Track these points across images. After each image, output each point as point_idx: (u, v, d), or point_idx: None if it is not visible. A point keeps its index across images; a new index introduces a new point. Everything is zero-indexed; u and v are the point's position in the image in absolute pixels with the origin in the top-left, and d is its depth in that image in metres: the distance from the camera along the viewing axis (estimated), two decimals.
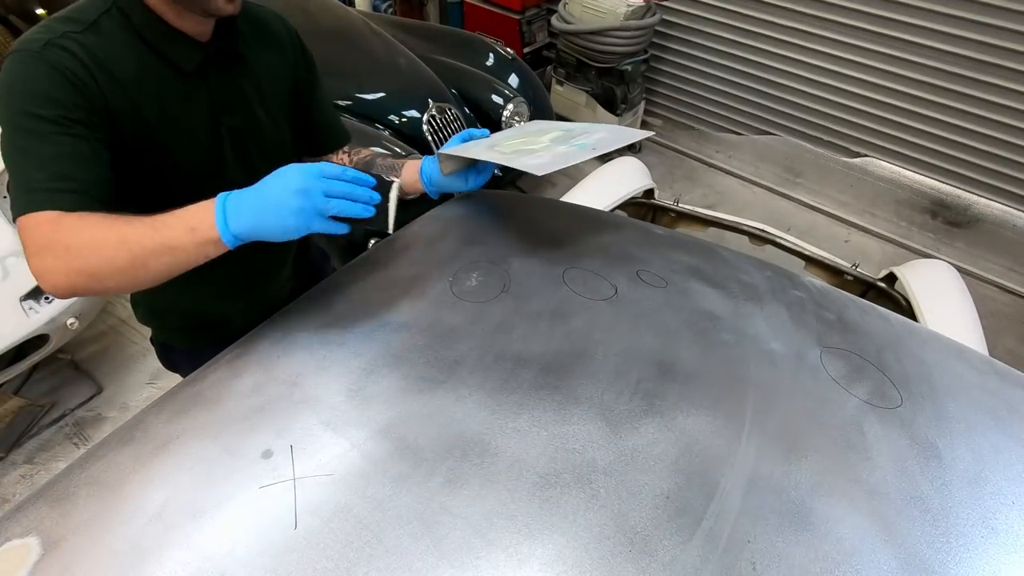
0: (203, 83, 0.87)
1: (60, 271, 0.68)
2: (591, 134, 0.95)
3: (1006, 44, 2.56)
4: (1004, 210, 2.87)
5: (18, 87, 0.72)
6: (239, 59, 0.91)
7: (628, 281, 0.90)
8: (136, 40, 0.81)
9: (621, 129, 1.00)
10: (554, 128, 1.02)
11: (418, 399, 0.68)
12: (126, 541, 0.55)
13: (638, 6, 3.14)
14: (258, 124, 0.95)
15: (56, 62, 0.73)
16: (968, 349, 0.92)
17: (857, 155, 3.20)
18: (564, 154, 0.87)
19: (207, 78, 0.88)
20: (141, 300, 1.10)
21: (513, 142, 0.95)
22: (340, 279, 0.91)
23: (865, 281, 1.68)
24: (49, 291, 0.70)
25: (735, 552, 0.56)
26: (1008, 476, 0.68)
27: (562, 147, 0.90)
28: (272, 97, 0.97)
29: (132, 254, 0.68)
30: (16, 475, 1.94)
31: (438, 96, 2.42)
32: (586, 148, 0.88)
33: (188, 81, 0.85)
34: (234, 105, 0.91)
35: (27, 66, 0.73)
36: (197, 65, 0.85)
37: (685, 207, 1.90)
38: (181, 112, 0.85)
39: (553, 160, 0.84)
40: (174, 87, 0.84)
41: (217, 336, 0.90)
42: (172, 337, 1.15)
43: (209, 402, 0.69)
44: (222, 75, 0.89)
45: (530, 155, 0.87)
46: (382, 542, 0.54)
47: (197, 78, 0.86)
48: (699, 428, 0.67)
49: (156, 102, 0.82)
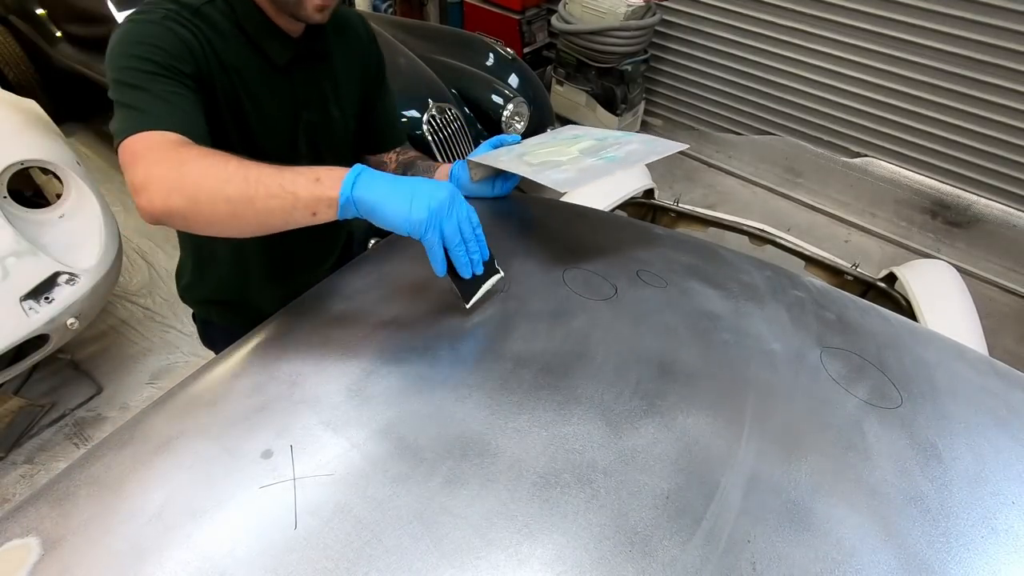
0: (288, 78, 0.94)
1: (165, 186, 0.69)
2: (622, 145, 0.94)
3: (1006, 44, 2.56)
4: (1004, 210, 2.87)
5: (136, 40, 0.78)
6: (323, 58, 0.98)
7: (628, 281, 0.90)
8: (236, 30, 0.87)
9: (654, 140, 0.96)
10: (587, 136, 1.01)
11: (418, 399, 0.68)
12: (126, 541, 0.55)
13: (638, 6, 3.14)
14: (331, 120, 1.01)
15: (174, 28, 0.80)
16: (968, 349, 0.92)
17: (857, 155, 3.20)
18: (590, 168, 0.86)
19: (293, 74, 0.94)
20: (188, 273, 1.15)
21: (542, 151, 0.94)
22: (340, 279, 0.91)
23: (865, 281, 1.68)
24: (143, 207, 0.70)
25: (735, 552, 0.56)
26: (1008, 476, 0.68)
27: (589, 160, 0.89)
28: (346, 96, 1.03)
29: (246, 185, 0.68)
30: (16, 475, 1.94)
31: (438, 96, 2.42)
32: (615, 161, 0.87)
33: (276, 74, 0.92)
34: (312, 101, 0.98)
35: (146, 27, 0.79)
36: (287, 61, 0.92)
37: (685, 207, 1.90)
38: (267, 102, 0.92)
39: (578, 176, 0.83)
40: (264, 78, 0.91)
41: (252, 318, 0.93)
42: (211, 313, 1.20)
43: (209, 402, 0.69)
44: (306, 72, 0.96)
45: (555, 168, 0.86)
46: (382, 542, 0.54)
47: (284, 73, 0.93)
48: (699, 428, 0.67)
49: (249, 89, 0.89)
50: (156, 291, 2.65)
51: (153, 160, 0.70)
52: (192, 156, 0.71)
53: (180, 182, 0.68)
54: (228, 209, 0.69)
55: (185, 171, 0.69)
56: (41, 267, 1.79)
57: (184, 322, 2.50)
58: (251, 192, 0.68)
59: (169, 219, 0.71)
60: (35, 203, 2.02)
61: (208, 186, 0.68)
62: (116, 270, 2.02)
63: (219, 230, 0.72)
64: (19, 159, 1.92)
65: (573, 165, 0.88)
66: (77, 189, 2.01)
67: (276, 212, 0.70)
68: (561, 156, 0.92)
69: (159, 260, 2.80)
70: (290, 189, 0.69)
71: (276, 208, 0.69)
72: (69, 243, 1.91)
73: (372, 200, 0.68)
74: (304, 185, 0.69)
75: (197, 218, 0.70)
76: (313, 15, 0.85)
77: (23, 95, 2.44)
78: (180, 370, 2.30)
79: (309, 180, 0.69)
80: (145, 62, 0.76)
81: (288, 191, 0.69)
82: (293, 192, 0.69)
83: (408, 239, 0.70)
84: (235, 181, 0.68)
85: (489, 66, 2.81)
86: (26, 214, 1.90)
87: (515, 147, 0.99)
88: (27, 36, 3.24)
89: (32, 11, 3.16)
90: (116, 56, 0.78)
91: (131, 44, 0.77)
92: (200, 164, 0.70)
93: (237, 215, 0.70)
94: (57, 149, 2.07)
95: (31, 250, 1.79)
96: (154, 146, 0.71)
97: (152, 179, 0.69)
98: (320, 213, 0.70)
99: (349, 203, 0.69)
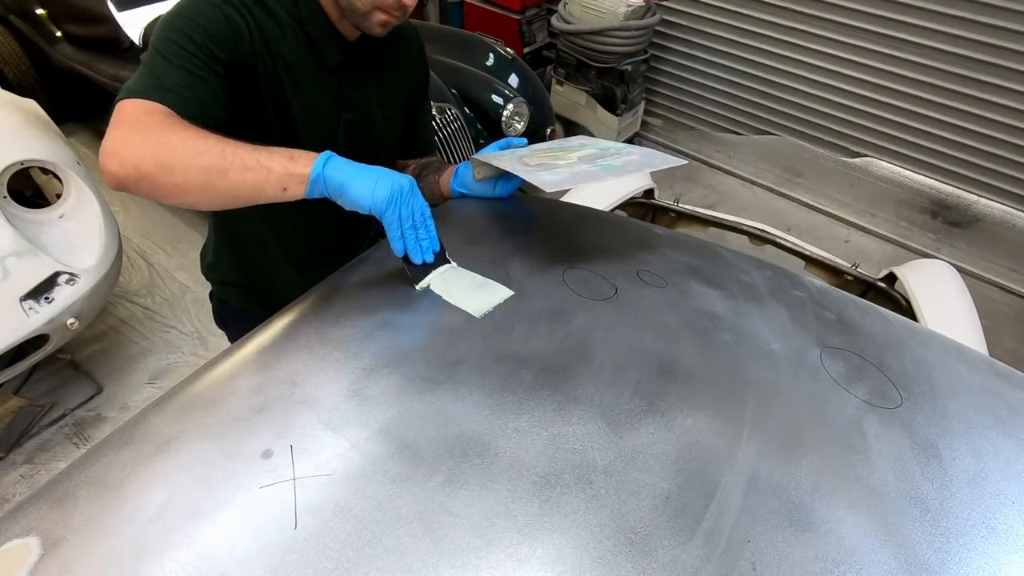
0: (337, 78, 0.97)
1: (137, 150, 0.70)
2: (621, 155, 0.96)
3: (1006, 44, 2.56)
4: (1004, 210, 2.87)
5: (185, 15, 0.81)
6: (373, 64, 1.01)
7: (628, 281, 0.90)
8: (296, 25, 0.90)
9: (654, 153, 0.99)
10: (591, 146, 1.03)
11: (418, 399, 0.68)
12: (126, 541, 0.55)
13: (638, 6, 3.14)
14: (372, 122, 1.05)
15: (228, 13, 0.82)
16: (968, 349, 0.92)
17: (857, 155, 3.20)
18: (581, 173, 0.88)
19: (342, 75, 0.98)
20: (211, 253, 1.19)
21: (543, 155, 0.96)
22: (340, 279, 0.91)
23: (865, 281, 1.68)
24: (111, 170, 0.71)
25: (735, 552, 0.56)
26: (1008, 476, 0.68)
27: (584, 166, 0.91)
28: (390, 101, 1.07)
29: (223, 158, 0.71)
30: (16, 475, 1.94)
31: (438, 96, 2.42)
32: (610, 169, 0.89)
33: (326, 73, 0.95)
34: (356, 103, 1.01)
35: (199, 5, 0.81)
36: (339, 63, 0.95)
37: (685, 207, 1.90)
38: (312, 97, 0.95)
39: (569, 177, 0.85)
40: (314, 75, 0.94)
41: (273, 303, 0.95)
42: (228, 294, 1.23)
43: (209, 402, 0.69)
44: (354, 75, 0.99)
45: (548, 170, 0.88)
46: (382, 542, 0.54)
47: (334, 73, 0.96)
48: (699, 428, 0.67)
49: (296, 81, 0.92)
50: (156, 291, 2.65)
51: (135, 128, 0.72)
52: (173, 127, 0.73)
53: (156, 149, 0.70)
54: (201, 179, 0.71)
55: (163, 140, 0.71)
56: (41, 267, 1.79)
57: (184, 322, 2.51)
58: (226, 164, 0.71)
59: (136, 183, 0.72)
60: (35, 203, 2.02)
61: (184, 155, 0.71)
62: (116, 270, 2.02)
63: (184, 199, 0.75)
64: (19, 159, 1.92)
65: (567, 169, 0.90)
66: (77, 189, 2.01)
67: (248, 184, 0.73)
68: (559, 160, 0.93)
69: (159, 260, 2.80)
70: (265, 163, 0.72)
71: (249, 181, 0.72)
72: (69, 243, 1.91)
73: (340, 179, 0.74)
74: (279, 161, 0.73)
75: (165, 185, 0.72)
76: (375, 29, 0.90)
77: (23, 95, 2.43)
78: (180, 370, 2.30)
79: (284, 157, 0.74)
80: (184, 38, 0.79)
81: (263, 165, 0.72)
82: (267, 166, 0.72)
83: None
84: (212, 153, 0.71)
85: (489, 66, 2.81)
86: (26, 214, 1.90)
87: (520, 150, 1.00)
88: (27, 36, 3.24)
89: (32, 11, 3.16)
90: (164, 26, 0.81)
91: (179, 17, 0.80)
92: (179, 135, 0.72)
93: (208, 185, 0.72)
94: (57, 149, 2.07)
95: (31, 250, 1.79)
96: (142, 114, 0.73)
97: (129, 144, 0.71)
98: (291, 189, 0.74)
99: (319, 179, 0.74)
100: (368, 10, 0.87)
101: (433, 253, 0.83)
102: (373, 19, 0.88)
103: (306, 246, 1.11)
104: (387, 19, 0.88)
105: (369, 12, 0.87)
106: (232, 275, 1.19)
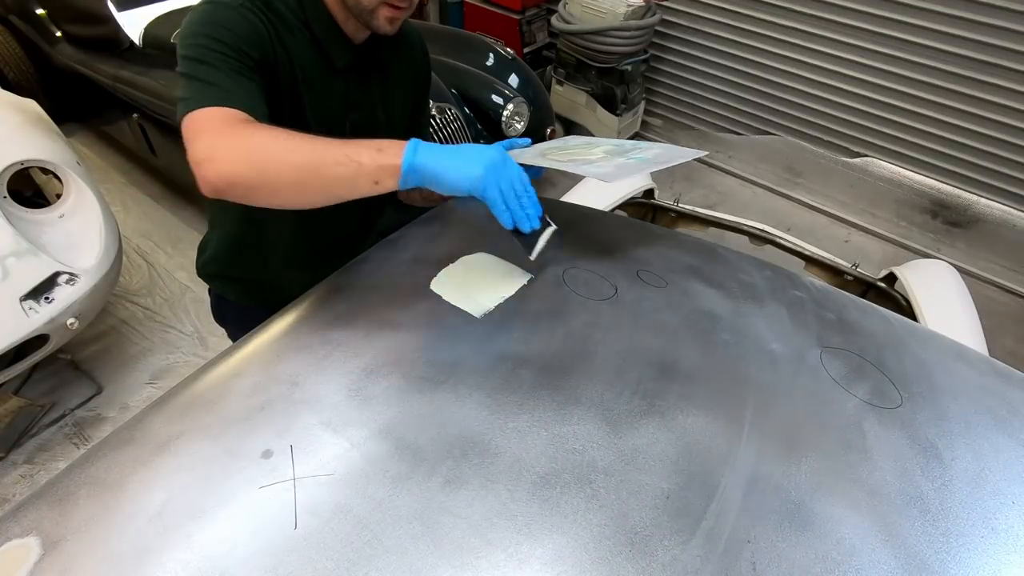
0: (343, 80, 0.98)
1: (230, 156, 0.71)
2: (644, 150, 0.95)
3: (1006, 44, 2.56)
4: (1004, 210, 2.87)
5: (211, 21, 0.81)
6: (378, 66, 1.02)
7: (628, 281, 0.90)
8: (304, 28, 0.91)
9: (672, 147, 0.98)
10: (601, 143, 1.02)
11: (418, 399, 0.68)
12: (126, 541, 0.55)
13: (638, 6, 3.14)
14: (377, 124, 1.05)
15: (247, 15, 0.83)
16: (968, 349, 0.92)
17: (857, 155, 3.20)
18: (624, 165, 0.86)
19: (348, 77, 0.98)
20: (211, 248, 1.17)
21: (563, 153, 0.95)
22: (340, 279, 0.91)
23: (865, 281, 1.68)
24: (208, 177, 0.71)
25: (735, 552, 0.56)
26: (1008, 476, 0.68)
27: (620, 159, 0.89)
28: (394, 102, 1.08)
29: (312, 155, 0.71)
30: (16, 475, 1.94)
31: (438, 96, 2.42)
32: (645, 162, 0.88)
33: (333, 75, 0.96)
34: (361, 104, 1.02)
35: (221, 10, 0.82)
36: (345, 64, 0.95)
37: (685, 207, 1.90)
38: (321, 98, 0.95)
39: (617, 170, 0.84)
40: (322, 76, 0.94)
41: (271, 299, 0.94)
42: (228, 290, 1.22)
43: (209, 402, 0.69)
44: (360, 76, 1.00)
45: (589, 164, 0.87)
46: (382, 542, 0.54)
47: (340, 75, 0.97)
48: (699, 428, 0.67)
49: (309, 85, 0.92)
50: (156, 291, 2.65)
51: (219, 133, 0.72)
52: (257, 129, 0.74)
53: (247, 152, 0.71)
54: (294, 177, 0.71)
55: (252, 143, 0.72)
56: (41, 267, 1.79)
57: (184, 322, 2.50)
58: (317, 160, 0.71)
59: (232, 189, 0.72)
60: (35, 203, 2.02)
61: (275, 156, 0.71)
62: (116, 270, 2.02)
63: (283, 200, 0.75)
64: (19, 159, 1.92)
65: (607, 162, 0.88)
66: (77, 189, 2.00)
67: (341, 180, 0.72)
68: (588, 156, 0.92)
69: (159, 260, 2.80)
70: (355, 158, 0.72)
71: (341, 176, 0.72)
72: (69, 243, 1.91)
73: (433, 165, 0.73)
74: (368, 154, 0.72)
75: (263, 187, 0.72)
76: (384, 26, 0.90)
77: (23, 95, 2.43)
78: (180, 370, 2.29)
79: (372, 150, 0.73)
80: (216, 42, 0.79)
81: (353, 159, 0.72)
82: (358, 161, 0.72)
83: (408, 239, 0.70)
84: (301, 151, 0.71)
85: (489, 66, 2.80)
86: (26, 214, 1.90)
87: (530, 148, 0.98)
88: (27, 36, 3.24)
89: (32, 11, 3.15)
90: (190, 34, 0.81)
91: (206, 24, 0.81)
92: (266, 136, 0.73)
93: (303, 183, 0.72)
94: (57, 149, 2.07)
95: (31, 250, 1.79)
96: (218, 120, 0.73)
97: (218, 150, 0.71)
98: (383, 182, 0.73)
99: (411, 170, 0.73)
100: (375, 6, 0.87)
101: (538, 218, 0.80)
102: (380, 15, 0.88)
103: (305, 245, 1.11)
104: (393, 14, 0.88)
105: (376, 8, 0.87)
106: (233, 270, 1.18)
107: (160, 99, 2.48)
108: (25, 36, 3.26)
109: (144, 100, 2.57)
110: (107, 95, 2.78)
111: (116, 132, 3.18)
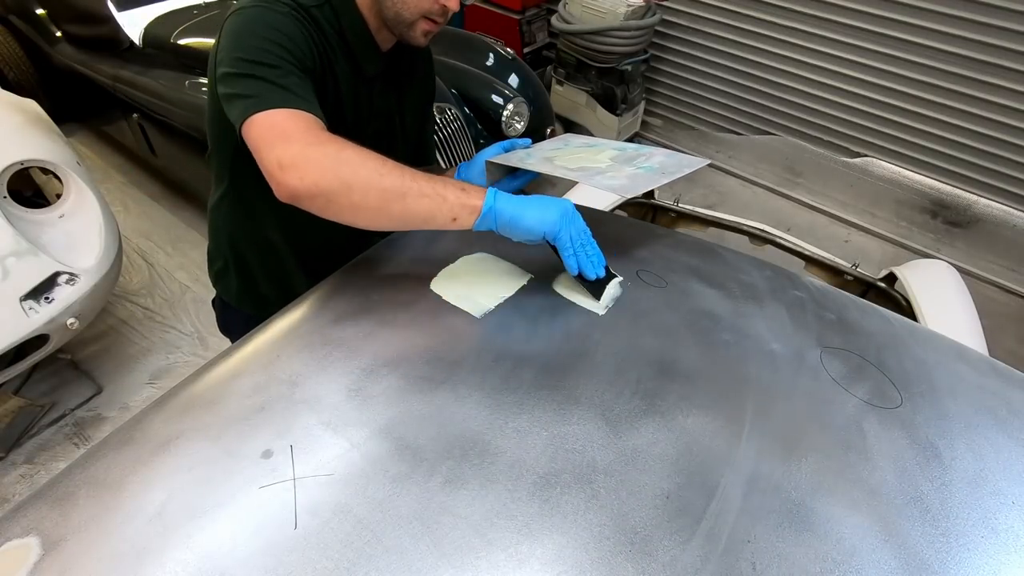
0: (369, 88, 0.99)
1: (319, 167, 0.71)
2: (649, 157, 0.96)
3: (1006, 44, 2.56)
4: (1004, 210, 2.87)
5: (267, 23, 0.80)
6: (399, 76, 1.03)
7: (628, 281, 0.90)
8: (338, 36, 0.91)
9: (675, 155, 0.98)
10: (605, 146, 1.02)
11: (418, 399, 0.68)
12: (126, 541, 0.55)
13: (638, 6, 3.14)
14: (394, 132, 1.07)
15: (299, 22, 0.83)
16: (968, 349, 0.92)
17: (857, 155, 3.20)
18: (636, 176, 0.87)
19: (373, 86, 0.99)
20: (222, 254, 1.16)
21: (571, 157, 0.95)
22: (340, 279, 0.91)
23: (865, 281, 1.68)
24: (291, 184, 0.71)
25: (735, 552, 0.56)
26: (1008, 476, 0.68)
27: (629, 168, 0.90)
28: (410, 112, 1.10)
29: (402, 181, 0.72)
30: (16, 475, 1.94)
31: (438, 96, 2.40)
32: (655, 172, 0.89)
33: (361, 83, 0.97)
34: (382, 112, 1.03)
35: (274, 15, 0.81)
36: (373, 73, 0.97)
37: (685, 207, 1.90)
38: (349, 106, 0.96)
39: (631, 182, 0.85)
40: (352, 84, 0.95)
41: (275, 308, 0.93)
42: (230, 293, 1.21)
43: (209, 402, 0.69)
44: (384, 85, 1.01)
45: (601, 175, 0.87)
46: (382, 542, 0.54)
47: (366, 83, 0.98)
48: (699, 428, 0.67)
49: (342, 92, 0.93)
50: (156, 291, 2.65)
51: (307, 142, 0.72)
52: (346, 145, 0.74)
53: (337, 167, 0.71)
54: (378, 200, 0.72)
55: (343, 157, 0.72)
56: (41, 267, 1.79)
57: (184, 322, 2.50)
58: (404, 188, 0.72)
59: (314, 200, 0.73)
60: (35, 203, 2.02)
61: (364, 176, 0.71)
62: (116, 270, 2.02)
63: (359, 218, 0.75)
64: (19, 159, 1.92)
65: (618, 172, 0.88)
66: (77, 189, 2.00)
67: (422, 211, 0.74)
68: (595, 163, 0.92)
69: (159, 260, 2.80)
70: (440, 192, 0.73)
71: (424, 207, 0.73)
72: (69, 243, 1.91)
73: (511, 211, 0.75)
74: (453, 192, 0.74)
75: (345, 204, 0.73)
76: (419, 39, 0.91)
77: (23, 95, 2.43)
78: (180, 370, 2.29)
79: (456, 188, 0.75)
80: (276, 45, 0.79)
81: (439, 193, 0.73)
82: (442, 195, 0.73)
83: (407, 239, 0.70)
84: (392, 176, 0.72)
85: (489, 66, 2.80)
86: (26, 214, 1.90)
87: (531, 151, 0.98)
88: (27, 36, 3.24)
89: (32, 11, 3.15)
90: (246, 32, 0.80)
91: (262, 26, 0.80)
92: (356, 154, 0.73)
93: (384, 207, 0.73)
94: (57, 149, 2.07)
95: (31, 250, 1.79)
96: (302, 126, 0.73)
97: (309, 159, 0.71)
98: (461, 219, 0.75)
99: (491, 212, 0.75)
100: (415, 19, 0.88)
101: (603, 267, 0.83)
102: (418, 28, 0.89)
103: (322, 251, 1.10)
104: (431, 28, 0.90)
105: (415, 21, 0.88)
106: (243, 278, 1.17)
107: (160, 99, 2.48)
108: (25, 36, 3.25)
109: (144, 100, 2.57)
110: (107, 95, 2.78)
111: (116, 132, 3.18)
